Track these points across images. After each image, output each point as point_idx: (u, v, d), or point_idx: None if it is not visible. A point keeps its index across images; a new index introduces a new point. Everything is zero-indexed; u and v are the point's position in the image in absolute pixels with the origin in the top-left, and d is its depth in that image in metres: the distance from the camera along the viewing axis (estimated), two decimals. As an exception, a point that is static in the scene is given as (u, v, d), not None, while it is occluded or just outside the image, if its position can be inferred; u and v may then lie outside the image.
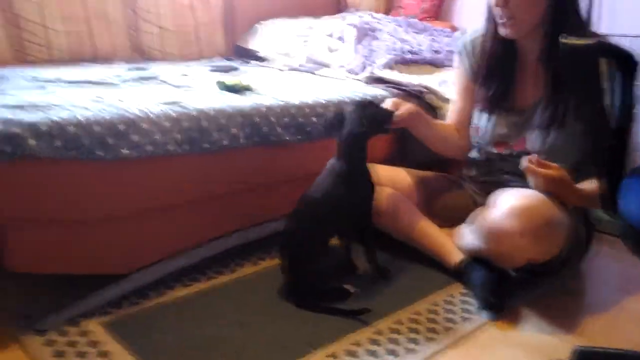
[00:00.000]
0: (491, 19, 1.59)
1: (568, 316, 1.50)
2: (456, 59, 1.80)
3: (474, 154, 1.79)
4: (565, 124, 1.55)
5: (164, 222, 1.47)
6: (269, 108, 1.63)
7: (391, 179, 1.76)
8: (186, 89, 1.71)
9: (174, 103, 1.47)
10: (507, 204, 1.42)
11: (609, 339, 1.39)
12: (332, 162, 1.53)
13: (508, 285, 1.50)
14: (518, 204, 1.40)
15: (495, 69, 1.65)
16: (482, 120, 1.71)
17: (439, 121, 1.86)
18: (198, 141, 1.45)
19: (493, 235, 1.42)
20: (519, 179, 1.53)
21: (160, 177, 1.41)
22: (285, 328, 1.34)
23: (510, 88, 1.65)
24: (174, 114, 1.42)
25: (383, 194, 1.68)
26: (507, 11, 1.49)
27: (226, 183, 1.57)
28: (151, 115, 1.38)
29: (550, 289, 1.63)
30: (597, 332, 1.42)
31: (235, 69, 2.29)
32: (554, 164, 1.42)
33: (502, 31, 1.54)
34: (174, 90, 1.67)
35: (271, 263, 1.67)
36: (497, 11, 1.52)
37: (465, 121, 1.78)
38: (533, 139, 1.60)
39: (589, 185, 1.47)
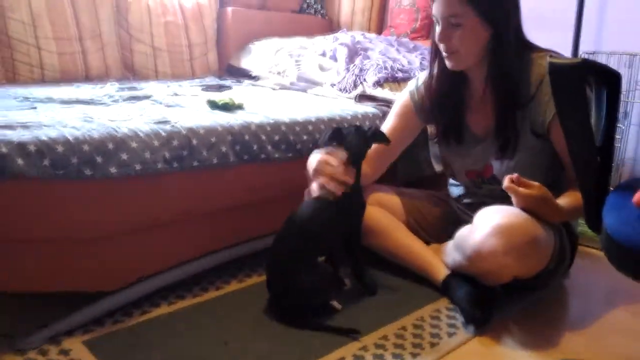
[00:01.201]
0: (437, 53, 1.59)
1: (552, 330, 1.50)
2: (405, 99, 1.76)
3: (452, 181, 1.82)
4: (526, 145, 1.56)
5: (151, 240, 1.48)
6: (259, 126, 1.65)
7: (378, 197, 1.77)
8: (177, 108, 1.73)
9: (164, 122, 1.49)
10: (490, 222, 1.43)
11: (593, 353, 1.39)
12: None
13: (493, 300, 1.50)
14: (501, 223, 1.41)
15: (446, 100, 1.65)
16: (448, 154, 1.74)
17: None
18: (187, 160, 1.46)
19: (477, 254, 1.43)
20: (500, 201, 1.53)
21: (149, 196, 1.42)
22: (270, 346, 1.34)
23: (463, 118, 1.66)
24: (163, 133, 1.43)
25: (370, 214, 1.69)
26: (450, 45, 1.50)
27: (215, 201, 1.58)
28: (140, 134, 1.39)
29: (534, 302, 1.63)
30: (582, 345, 1.43)
31: (228, 87, 2.31)
32: (536, 183, 1.42)
33: (448, 64, 1.55)
34: (165, 110, 1.68)
35: (257, 280, 1.68)
36: (441, 47, 1.53)
37: (383, 155, 1.75)
38: (497, 165, 1.62)
39: (569, 199, 1.48)
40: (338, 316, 1.47)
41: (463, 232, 1.50)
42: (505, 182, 1.41)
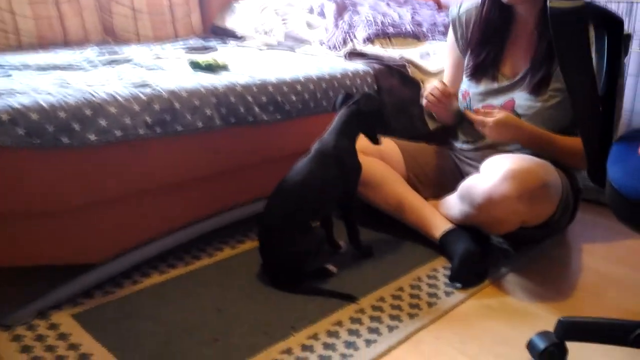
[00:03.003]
0: None
1: (552, 286, 1.48)
2: (449, 31, 1.79)
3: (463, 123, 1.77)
4: (555, 85, 1.54)
5: (138, 208, 1.44)
6: (245, 87, 1.58)
7: (379, 150, 1.73)
8: (158, 71, 1.66)
9: (143, 85, 1.43)
10: (501, 168, 1.40)
11: (594, 308, 1.37)
12: (321, 139, 1.50)
13: (486, 262, 1.49)
14: (514, 167, 1.38)
15: (489, 35, 1.64)
16: (471, 86, 1.70)
17: None
18: (170, 124, 1.40)
19: (488, 201, 1.39)
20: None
21: (133, 163, 1.37)
22: (265, 312, 1.31)
23: (501, 56, 1.65)
24: (143, 97, 1.37)
25: (370, 165, 1.66)
26: None
27: (202, 166, 1.53)
28: (119, 99, 1.33)
29: (534, 258, 1.62)
30: (583, 300, 1.41)
31: (213, 49, 2.23)
32: (494, 109, 1.51)
33: None
34: (145, 73, 1.61)
35: (250, 246, 1.64)
36: None
37: (456, 93, 1.77)
38: (522, 100, 1.58)
39: (564, 138, 1.52)
40: (334, 279, 1.45)
41: (469, 182, 1.47)
42: (471, 115, 1.52)
